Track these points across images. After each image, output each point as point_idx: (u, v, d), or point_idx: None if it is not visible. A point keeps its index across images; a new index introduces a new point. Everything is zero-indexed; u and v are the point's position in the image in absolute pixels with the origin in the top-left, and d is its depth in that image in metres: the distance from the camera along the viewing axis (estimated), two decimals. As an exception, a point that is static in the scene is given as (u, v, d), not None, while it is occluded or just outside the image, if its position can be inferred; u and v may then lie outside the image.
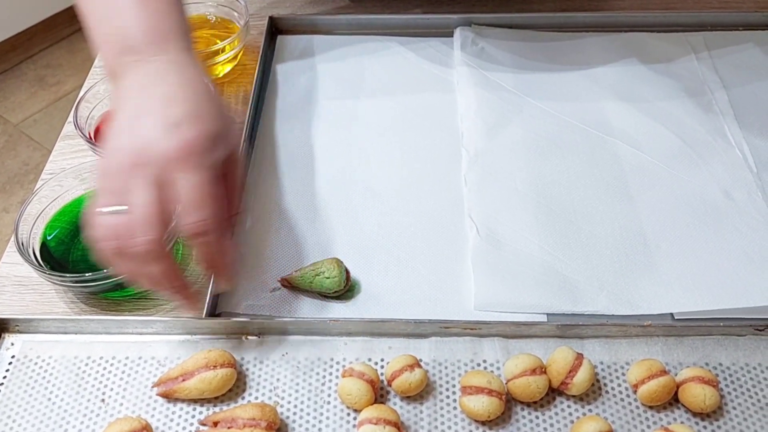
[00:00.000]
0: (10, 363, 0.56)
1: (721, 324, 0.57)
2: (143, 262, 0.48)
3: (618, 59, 0.83)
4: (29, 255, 0.59)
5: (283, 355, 0.56)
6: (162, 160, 0.47)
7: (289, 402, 0.54)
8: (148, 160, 0.47)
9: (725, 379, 0.55)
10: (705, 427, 0.53)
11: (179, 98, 0.50)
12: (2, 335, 0.58)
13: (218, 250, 0.51)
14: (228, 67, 0.82)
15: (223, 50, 0.78)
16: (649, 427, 0.52)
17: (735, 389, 0.55)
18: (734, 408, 0.54)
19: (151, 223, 0.47)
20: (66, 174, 0.64)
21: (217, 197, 0.49)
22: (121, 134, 0.50)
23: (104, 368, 0.56)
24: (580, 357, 0.54)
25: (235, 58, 0.82)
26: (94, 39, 0.56)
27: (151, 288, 0.52)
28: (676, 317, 0.59)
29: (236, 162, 0.54)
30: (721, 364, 0.56)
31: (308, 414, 0.53)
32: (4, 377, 0.55)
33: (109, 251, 0.49)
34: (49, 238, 0.62)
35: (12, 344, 0.57)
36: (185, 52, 0.54)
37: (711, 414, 0.53)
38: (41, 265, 0.59)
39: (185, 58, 0.54)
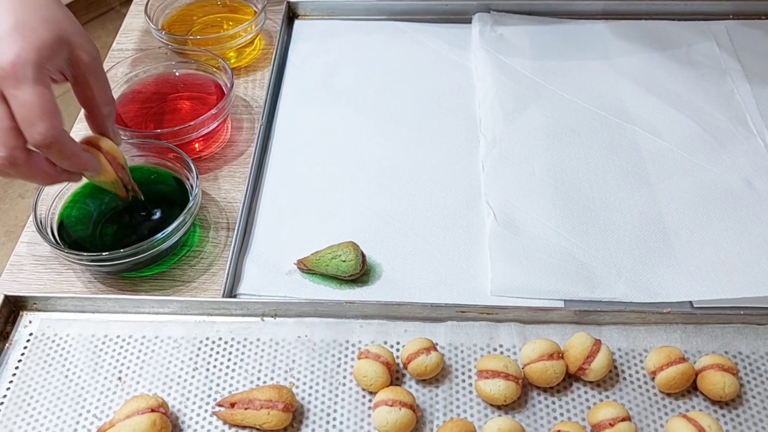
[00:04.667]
0: (27, 340, 0.57)
1: (741, 312, 0.57)
2: (9, 170, 0.50)
3: (638, 47, 0.82)
4: (47, 234, 0.59)
5: (299, 336, 0.56)
6: None
7: (304, 383, 0.54)
8: None
9: (745, 367, 0.55)
10: (724, 415, 0.52)
11: (1, 11, 0.49)
12: (20, 313, 0.58)
13: (68, 153, 0.51)
14: (245, 52, 0.82)
15: (237, 35, 0.78)
16: (666, 414, 0.52)
17: (755, 378, 0.54)
18: (753, 397, 0.53)
19: (5, 138, 0.48)
20: (84, 154, 0.64)
21: (49, 108, 0.48)
22: None
23: (121, 347, 0.56)
24: (597, 343, 0.53)
25: (251, 43, 0.82)
26: None
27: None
28: (695, 305, 0.59)
29: (86, 61, 0.53)
30: (740, 353, 0.55)
31: (324, 395, 0.53)
32: (23, 354, 0.56)
33: None
34: (67, 217, 0.62)
35: (30, 322, 0.58)
36: None
37: (730, 402, 0.53)
38: (59, 244, 0.59)
39: None
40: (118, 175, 0.57)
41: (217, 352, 0.56)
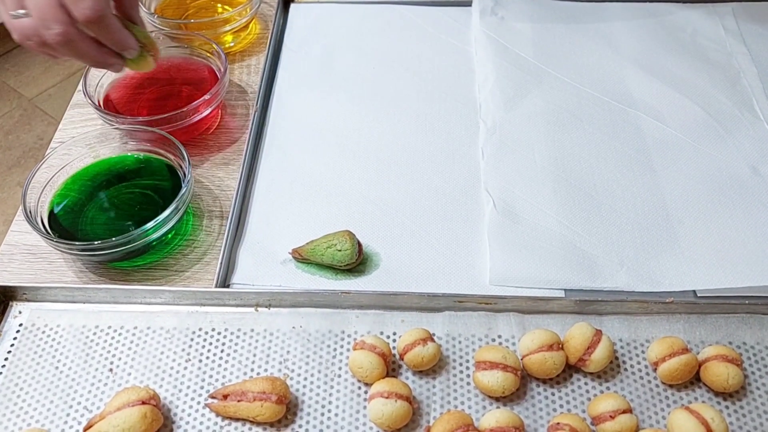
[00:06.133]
0: (17, 331, 0.56)
1: (746, 302, 0.55)
2: (64, 47, 0.54)
3: (642, 30, 0.80)
4: (37, 223, 0.58)
5: (293, 327, 0.55)
6: None
7: (299, 375, 0.53)
8: None
9: (749, 358, 0.53)
10: (727, 407, 0.51)
11: None
12: (10, 303, 0.57)
13: (113, 30, 0.55)
14: (240, 36, 0.80)
15: (232, 19, 0.76)
16: (669, 405, 0.51)
17: (759, 369, 0.53)
18: (758, 388, 0.52)
19: (52, 19, 0.52)
20: (75, 142, 0.63)
21: None
22: None
23: (112, 338, 0.55)
24: (598, 333, 0.52)
25: (246, 27, 0.80)
26: None
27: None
28: (698, 295, 0.57)
29: None
30: (745, 343, 0.54)
31: (318, 387, 0.52)
32: (12, 345, 0.55)
33: (33, 48, 0.55)
34: (57, 206, 0.61)
35: (20, 312, 0.57)
36: None
37: (734, 393, 0.51)
38: (49, 234, 0.58)
39: None
40: (150, 55, 0.61)
41: (210, 343, 0.55)
